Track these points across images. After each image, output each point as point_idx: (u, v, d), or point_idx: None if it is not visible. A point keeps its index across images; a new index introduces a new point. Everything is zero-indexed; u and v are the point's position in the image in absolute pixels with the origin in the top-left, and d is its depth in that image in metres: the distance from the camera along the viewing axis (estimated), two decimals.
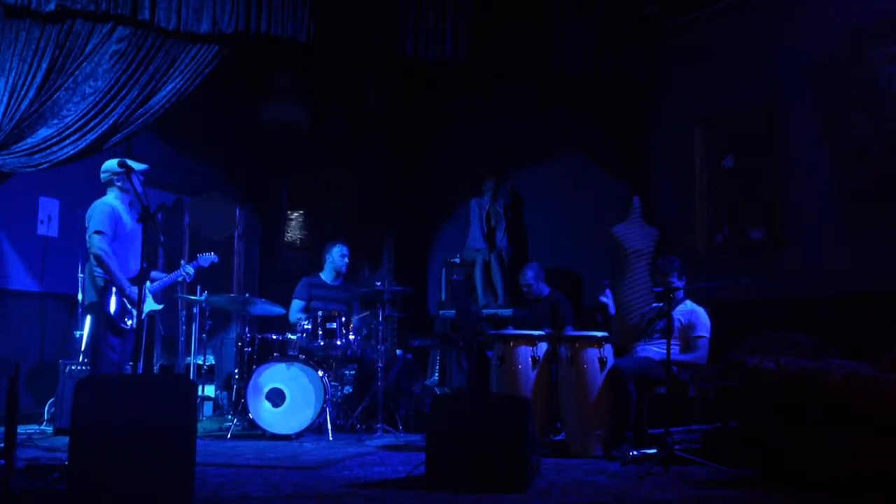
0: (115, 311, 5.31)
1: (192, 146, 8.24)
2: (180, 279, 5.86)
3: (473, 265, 8.10)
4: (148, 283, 5.54)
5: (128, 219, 5.46)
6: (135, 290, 5.35)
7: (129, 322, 5.35)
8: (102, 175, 5.47)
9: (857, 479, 3.89)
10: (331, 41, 6.14)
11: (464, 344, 7.10)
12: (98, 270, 5.32)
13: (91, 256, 5.32)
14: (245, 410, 6.16)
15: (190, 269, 5.88)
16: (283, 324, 7.16)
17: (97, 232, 5.27)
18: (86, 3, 5.39)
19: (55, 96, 5.53)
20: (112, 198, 5.47)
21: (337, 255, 7.30)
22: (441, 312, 8.32)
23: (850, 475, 3.91)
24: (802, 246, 6.11)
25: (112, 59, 5.62)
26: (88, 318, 6.44)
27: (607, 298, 5.90)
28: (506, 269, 8.01)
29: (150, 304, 5.63)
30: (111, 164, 5.40)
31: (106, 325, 5.32)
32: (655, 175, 7.22)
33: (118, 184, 5.43)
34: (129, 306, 5.34)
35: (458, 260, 8.28)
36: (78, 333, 6.91)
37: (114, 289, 5.30)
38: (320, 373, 6.18)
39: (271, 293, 7.56)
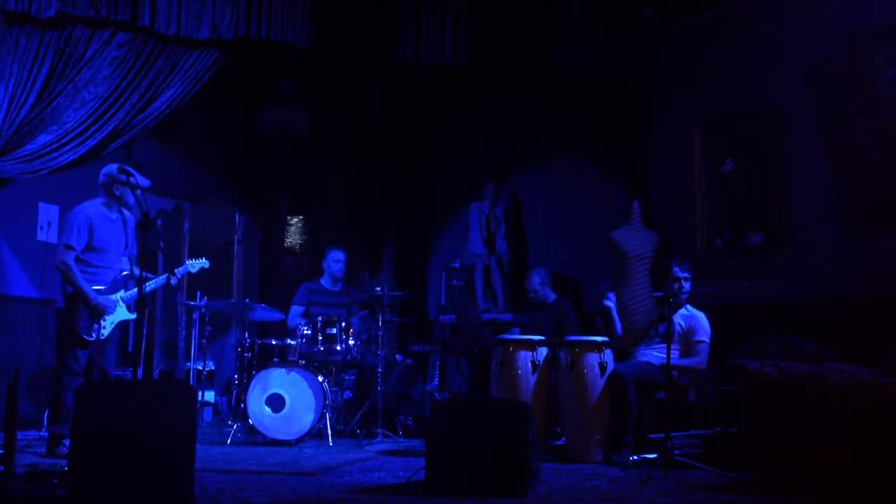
0: (80, 323, 5.24)
1: (191, 152, 8.23)
2: (164, 284, 5.63)
3: (473, 270, 8.09)
4: (122, 292, 5.46)
5: (107, 226, 5.39)
6: (102, 299, 5.30)
7: (95, 335, 5.28)
8: (101, 178, 5.42)
9: (857, 484, 3.89)
10: (330, 46, 6.15)
11: (464, 349, 7.10)
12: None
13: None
14: (245, 416, 6.15)
15: (176, 272, 5.64)
16: (283, 329, 7.16)
17: (65, 245, 5.25)
18: (86, 9, 5.40)
19: (55, 102, 5.53)
20: (98, 203, 5.41)
21: (331, 261, 7.31)
22: (441, 317, 8.31)
23: (851, 480, 3.91)
24: (802, 250, 6.11)
25: (112, 65, 5.62)
26: None
27: (611, 302, 5.87)
28: (505, 274, 8.00)
29: (122, 314, 5.47)
30: (112, 168, 5.36)
31: (69, 335, 5.27)
32: (655, 179, 7.22)
33: (116, 193, 5.38)
34: (96, 317, 5.27)
35: (457, 265, 8.27)
36: None
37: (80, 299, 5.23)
38: (320, 378, 6.18)
39: (271, 299, 7.56)
